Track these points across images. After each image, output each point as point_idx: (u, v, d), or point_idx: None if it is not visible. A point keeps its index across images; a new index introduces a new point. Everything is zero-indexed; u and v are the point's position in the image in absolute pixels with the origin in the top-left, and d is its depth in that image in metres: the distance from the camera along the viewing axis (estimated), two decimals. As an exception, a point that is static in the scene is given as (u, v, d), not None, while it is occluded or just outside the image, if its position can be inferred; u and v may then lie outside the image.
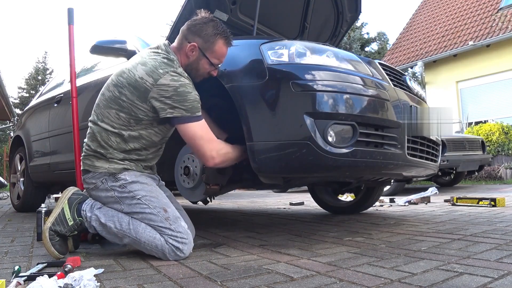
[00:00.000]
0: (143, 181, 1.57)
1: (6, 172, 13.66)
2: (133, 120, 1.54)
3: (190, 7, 2.06)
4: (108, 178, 1.55)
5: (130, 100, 1.51)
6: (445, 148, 5.02)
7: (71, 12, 2.42)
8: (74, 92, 2.41)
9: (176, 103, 1.47)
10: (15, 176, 4.03)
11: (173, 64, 1.53)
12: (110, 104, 1.56)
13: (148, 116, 1.53)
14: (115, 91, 1.55)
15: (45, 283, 1.05)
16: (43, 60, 30.80)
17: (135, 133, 1.57)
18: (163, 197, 1.57)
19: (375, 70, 1.80)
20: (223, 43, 1.60)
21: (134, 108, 1.52)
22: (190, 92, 1.50)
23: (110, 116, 1.56)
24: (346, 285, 1.07)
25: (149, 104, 1.50)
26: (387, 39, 20.40)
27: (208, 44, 1.58)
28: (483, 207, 3.03)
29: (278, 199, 5.30)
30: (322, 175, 1.76)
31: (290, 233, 2.04)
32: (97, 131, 1.58)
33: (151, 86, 1.47)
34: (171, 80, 1.48)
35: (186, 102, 1.48)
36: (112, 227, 1.51)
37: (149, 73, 1.48)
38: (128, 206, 1.53)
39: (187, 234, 1.50)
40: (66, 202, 1.59)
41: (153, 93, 1.47)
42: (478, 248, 1.48)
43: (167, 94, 1.47)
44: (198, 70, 1.63)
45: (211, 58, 1.60)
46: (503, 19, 9.22)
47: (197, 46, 1.58)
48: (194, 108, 1.50)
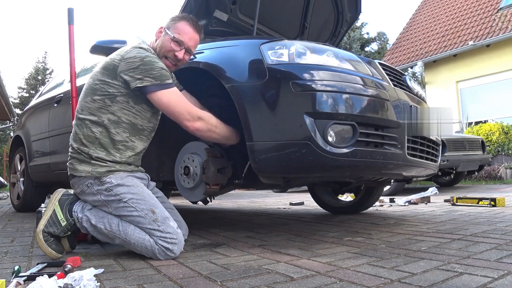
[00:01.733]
0: (129, 183, 1.55)
1: (6, 172, 13.65)
2: (107, 99, 1.57)
3: (190, 7, 2.06)
4: (94, 182, 1.54)
5: (101, 80, 1.58)
6: (445, 148, 5.02)
7: (71, 12, 2.42)
8: (74, 92, 2.41)
9: (144, 72, 1.53)
10: (15, 176, 4.03)
11: (141, 47, 1.62)
12: (86, 92, 1.62)
13: (120, 92, 1.57)
14: (89, 81, 1.63)
15: (45, 283, 1.05)
16: (43, 60, 30.81)
17: (113, 116, 1.57)
18: (151, 198, 1.56)
19: (375, 70, 1.80)
20: (185, 22, 1.69)
21: (106, 86, 1.57)
22: (157, 61, 1.56)
23: (87, 103, 1.60)
24: (346, 285, 1.07)
25: (120, 79, 1.55)
26: (387, 39, 20.40)
27: (172, 23, 1.70)
28: (483, 207, 3.03)
29: (278, 199, 5.30)
30: (322, 175, 1.76)
31: (290, 233, 2.04)
32: (79, 128, 1.60)
33: (118, 62, 1.56)
34: (137, 52, 1.56)
35: (154, 70, 1.53)
36: (102, 228, 1.53)
37: (118, 53, 1.60)
38: (115, 209, 1.53)
39: (176, 234, 1.50)
40: (57, 203, 1.59)
41: (121, 67, 1.55)
42: (478, 248, 1.48)
43: (134, 66, 1.53)
44: (163, 48, 1.68)
45: (172, 33, 1.67)
46: (503, 19, 9.22)
47: (163, 28, 1.70)
48: (162, 76, 1.55)
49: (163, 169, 2.06)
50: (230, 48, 1.72)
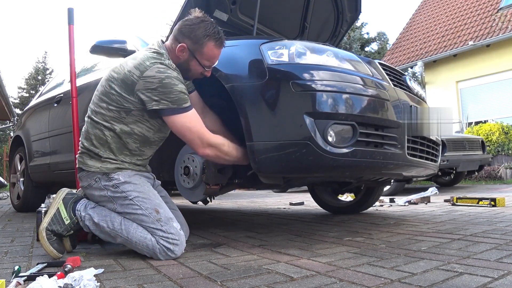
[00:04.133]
0: (136, 181, 1.58)
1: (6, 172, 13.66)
2: (123, 111, 1.55)
3: (190, 7, 2.05)
4: (102, 178, 1.57)
5: (118, 93, 1.53)
6: (445, 148, 5.02)
7: (71, 12, 2.42)
8: (74, 92, 2.41)
9: (161, 94, 1.48)
10: (15, 176, 4.03)
11: (161, 57, 1.54)
12: (102, 98, 1.58)
13: (136, 107, 1.54)
14: (106, 86, 1.58)
15: (45, 283, 1.05)
16: (43, 60, 30.83)
17: (127, 127, 1.57)
18: (156, 198, 1.58)
19: (375, 70, 1.80)
20: (213, 45, 1.57)
21: (122, 100, 1.53)
22: (176, 84, 1.49)
23: (102, 110, 1.57)
24: (346, 285, 1.07)
25: (137, 97, 1.51)
26: (387, 39, 20.39)
27: (197, 46, 1.56)
28: (483, 207, 3.03)
29: (278, 199, 5.30)
30: (322, 175, 1.76)
31: (290, 233, 2.04)
32: (91, 127, 1.59)
33: (137, 79, 1.49)
34: (157, 71, 1.49)
35: (172, 94, 1.48)
36: (104, 227, 1.53)
37: (137, 66, 1.51)
38: (120, 206, 1.54)
39: (178, 235, 1.50)
40: (61, 202, 1.60)
41: (139, 85, 1.49)
42: (478, 248, 1.48)
43: (152, 86, 1.48)
44: (189, 71, 1.63)
45: (201, 60, 1.59)
46: (503, 19, 9.22)
47: (186, 47, 1.57)
48: (180, 100, 1.50)
49: (163, 169, 2.06)
50: (230, 48, 1.72)
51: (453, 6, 11.42)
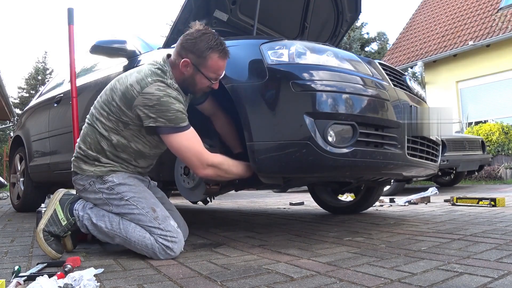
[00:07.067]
0: (131, 182, 1.58)
1: (6, 172, 13.65)
2: (121, 123, 1.55)
3: (190, 7, 2.06)
4: (96, 181, 1.57)
5: (118, 105, 1.53)
6: (445, 148, 5.02)
7: (71, 12, 2.43)
8: (74, 92, 2.41)
9: (158, 112, 1.46)
10: (15, 176, 4.03)
11: (163, 75, 1.52)
12: (103, 106, 1.58)
13: (134, 122, 1.53)
14: (109, 95, 1.57)
15: (45, 283, 1.05)
16: (43, 60, 30.81)
17: (124, 140, 1.57)
18: (151, 197, 1.59)
19: (375, 70, 1.80)
20: (217, 57, 1.54)
21: (121, 113, 1.53)
22: (173, 103, 1.47)
23: (102, 118, 1.57)
24: (346, 285, 1.07)
25: (134, 112, 1.50)
26: (387, 39, 20.40)
27: (201, 60, 1.53)
28: (483, 207, 3.03)
29: (278, 199, 5.30)
30: (322, 175, 1.76)
31: (290, 233, 2.04)
32: (90, 132, 1.60)
33: (137, 94, 1.48)
34: (157, 89, 1.47)
35: (169, 112, 1.46)
36: (103, 227, 1.54)
37: (139, 80, 1.49)
38: (116, 207, 1.55)
39: (176, 233, 1.51)
40: (58, 203, 1.61)
41: (138, 101, 1.47)
42: (478, 248, 1.48)
43: (150, 103, 1.46)
44: (196, 85, 1.59)
45: (206, 73, 1.55)
46: (503, 19, 9.22)
47: (190, 62, 1.53)
48: (177, 119, 1.48)
49: (163, 169, 2.06)
50: (230, 48, 1.71)
51: (453, 6, 11.42)
